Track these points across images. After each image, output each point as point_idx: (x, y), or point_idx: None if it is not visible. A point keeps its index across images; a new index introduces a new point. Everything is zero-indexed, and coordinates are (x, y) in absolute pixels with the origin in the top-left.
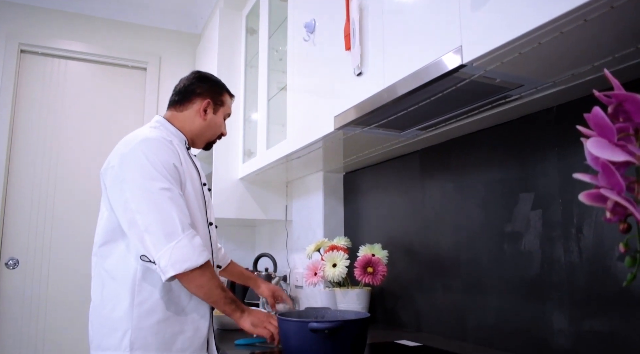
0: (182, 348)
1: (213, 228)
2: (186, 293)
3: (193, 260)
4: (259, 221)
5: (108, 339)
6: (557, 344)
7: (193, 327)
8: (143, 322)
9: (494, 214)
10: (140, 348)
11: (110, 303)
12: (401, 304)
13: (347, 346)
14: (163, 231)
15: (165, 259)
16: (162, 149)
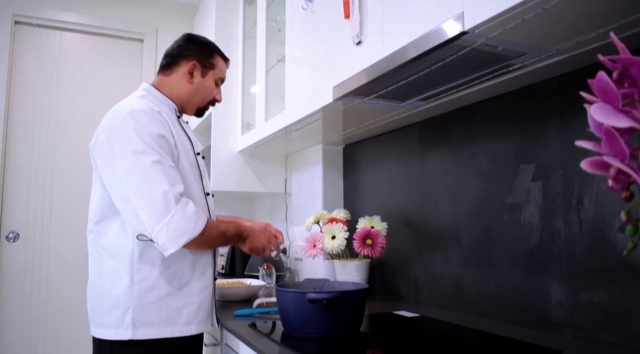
0: (187, 321)
1: (210, 198)
2: (189, 265)
3: (190, 231)
4: (259, 194)
5: (108, 316)
6: (555, 315)
7: (198, 299)
8: (144, 299)
9: (494, 186)
10: (143, 324)
11: (109, 281)
12: (400, 276)
13: (345, 317)
14: (156, 207)
15: (163, 236)
16: (150, 121)
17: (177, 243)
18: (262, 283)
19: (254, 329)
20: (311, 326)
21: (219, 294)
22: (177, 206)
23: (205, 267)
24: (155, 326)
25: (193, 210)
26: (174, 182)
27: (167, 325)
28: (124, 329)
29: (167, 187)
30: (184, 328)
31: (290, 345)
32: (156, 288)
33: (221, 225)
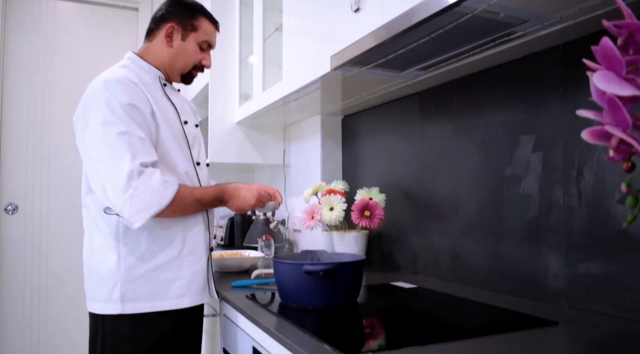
0: (178, 294)
1: (203, 168)
2: (178, 238)
3: (156, 204)
4: (257, 165)
5: (98, 291)
6: (552, 286)
7: (189, 272)
8: (131, 274)
9: (493, 157)
10: (131, 299)
11: (99, 256)
12: (398, 247)
13: (342, 288)
14: (119, 180)
15: (127, 210)
16: (123, 90)
17: (142, 217)
18: (261, 254)
19: (251, 300)
20: (308, 298)
21: (217, 265)
22: (140, 178)
23: (196, 239)
24: (144, 300)
25: (158, 181)
26: (140, 154)
27: (156, 299)
28: (113, 303)
29: (130, 159)
30: (175, 301)
31: (287, 316)
32: (144, 262)
33: (196, 191)
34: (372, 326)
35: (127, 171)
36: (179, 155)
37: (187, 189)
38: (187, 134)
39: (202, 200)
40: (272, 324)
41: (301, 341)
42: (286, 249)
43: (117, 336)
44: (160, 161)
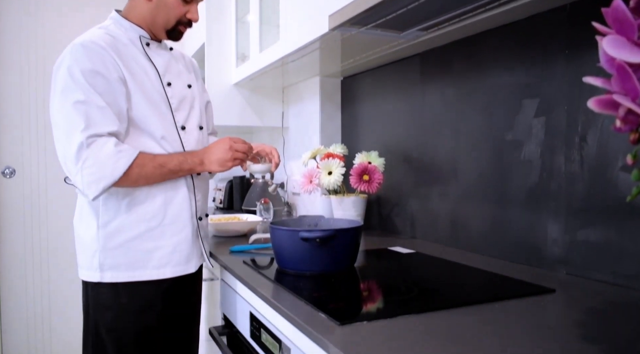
0: (159, 265)
1: (191, 132)
2: (159, 206)
3: (108, 176)
4: (256, 128)
5: (82, 258)
6: (550, 253)
7: (172, 242)
8: (109, 243)
9: (495, 121)
10: (110, 268)
11: (84, 222)
12: (396, 212)
13: (339, 254)
14: (71, 151)
15: (79, 182)
16: (86, 56)
17: (94, 189)
18: (259, 218)
19: (248, 265)
20: (305, 264)
21: (216, 229)
22: (89, 149)
23: (180, 207)
24: (123, 270)
25: (109, 152)
26: (95, 124)
27: (135, 269)
28: (93, 271)
29: (81, 130)
30: (156, 272)
31: (284, 283)
32: (122, 231)
33: (159, 158)
34: (368, 294)
35: (77, 142)
36: (155, 120)
37: (147, 156)
38: (169, 96)
39: (166, 165)
40: (268, 291)
41: (297, 309)
42: (285, 213)
43: (100, 304)
44: (134, 127)
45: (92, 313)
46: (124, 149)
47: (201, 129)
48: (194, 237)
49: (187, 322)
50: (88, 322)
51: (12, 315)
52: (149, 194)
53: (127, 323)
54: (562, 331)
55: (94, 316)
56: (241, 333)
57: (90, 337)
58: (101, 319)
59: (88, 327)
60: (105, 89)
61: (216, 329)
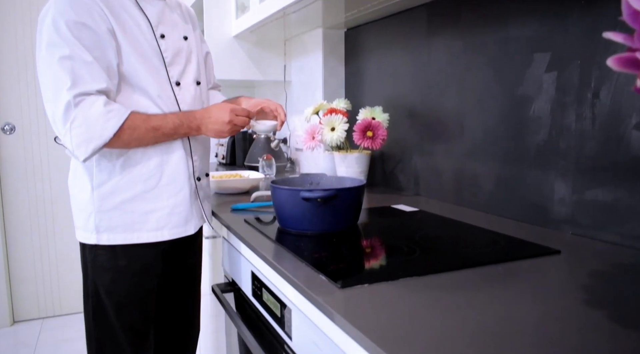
0: (157, 227)
1: (186, 88)
2: (155, 166)
3: (97, 137)
4: (257, 82)
5: (78, 218)
6: (557, 212)
7: (169, 204)
8: (105, 205)
9: (504, 76)
10: (105, 230)
11: (78, 183)
12: (400, 168)
13: (340, 214)
14: (58, 110)
15: (68, 143)
16: (71, 7)
17: (84, 150)
18: (261, 175)
19: (249, 224)
20: (306, 223)
21: (217, 187)
22: (77, 108)
23: (176, 168)
24: (120, 232)
25: (98, 112)
26: (82, 81)
27: (132, 231)
28: (89, 233)
29: (68, 87)
30: (153, 234)
31: (285, 243)
32: (117, 192)
33: (152, 120)
34: (370, 255)
35: (64, 101)
36: (148, 76)
37: (140, 117)
38: (162, 50)
39: (161, 128)
40: (269, 252)
41: (298, 271)
42: (288, 169)
43: (98, 265)
44: (126, 84)
45: (90, 275)
46: (113, 109)
47: (198, 84)
48: (193, 199)
49: (187, 283)
50: (87, 283)
51: (20, 267)
52: (144, 155)
53: (125, 285)
54: (567, 294)
55: (92, 278)
56: (243, 291)
57: (90, 298)
58: (100, 281)
59: (87, 288)
60: (93, 43)
61: (219, 286)
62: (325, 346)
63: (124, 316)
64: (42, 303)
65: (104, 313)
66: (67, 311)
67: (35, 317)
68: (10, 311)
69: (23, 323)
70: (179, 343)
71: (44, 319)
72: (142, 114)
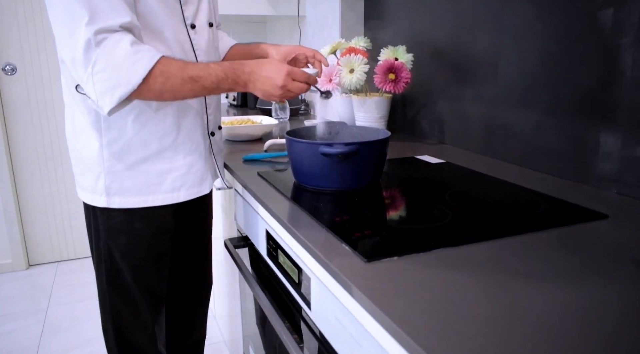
0: (172, 188)
1: (201, 31)
2: (171, 122)
3: (125, 82)
4: (269, 17)
5: (84, 179)
6: (600, 169)
7: (185, 163)
8: (116, 165)
9: (548, 12)
10: (117, 192)
11: (82, 138)
12: (424, 114)
13: (362, 170)
14: (77, 52)
15: (91, 90)
16: None
17: (109, 99)
18: (274, 121)
19: (263, 178)
20: (325, 180)
21: (228, 134)
22: (99, 48)
23: (193, 123)
24: (133, 194)
25: (125, 52)
26: (101, 15)
27: (147, 193)
28: (99, 195)
29: (87, 22)
30: (169, 196)
31: (301, 202)
32: (130, 151)
33: (191, 68)
34: (396, 219)
35: (83, 39)
36: (164, 15)
37: (175, 63)
38: None
39: (200, 80)
40: (285, 213)
41: (317, 238)
42: (302, 111)
43: (111, 228)
44: (142, 25)
45: (103, 238)
46: (142, 49)
47: (211, 26)
48: (208, 155)
49: (197, 237)
50: (99, 246)
51: (32, 212)
52: (158, 110)
53: (143, 247)
54: (623, 268)
55: (106, 240)
56: (258, 249)
57: (104, 262)
58: (115, 244)
59: (100, 252)
60: None
61: (231, 241)
62: (350, 324)
63: (142, 279)
64: (55, 246)
65: (120, 276)
66: (81, 255)
67: (50, 260)
68: (25, 255)
69: (38, 266)
70: (192, 297)
71: (58, 262)
72: (178, 60)
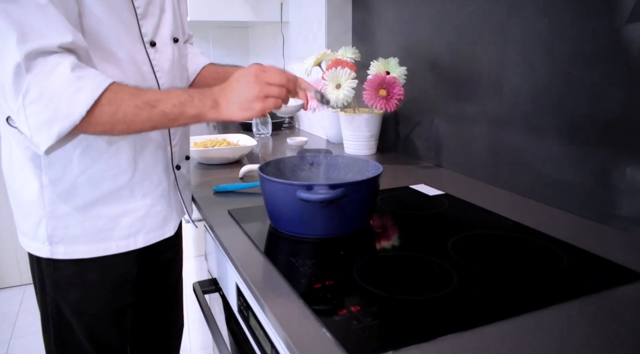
0: (127, 234)
1: (164, 49)
2: (128, 156)
3: (63, 116)
4: (250, 23)
5: (24, 223)
6: (627, 209)
7: (144, 204)
8: (59, 209)
9: (563, 24)
10: (62, 240)
11: (19, 176)
12: (418, 132)
13: (348, 215)
14: (7, 78)
15: (24, 124)
16: None
17: (46, 136)
18: (252, 142)
19: (234, 219)
20: (305, 227)
21: (202, 157)
22: (31, 74)
23: (154, 156)
24: (81, 243)
25: (64, 79)
26: (35, 32)
27: (97, 240)
28: (40, 243)
29: (16, 42)
30: (124, 243)
31: (276, 256)
32: (77, 192)
33: (146, 93)
34: (390, 285)
35: (12, 63)
36: (117, 32)
37: (125, 89)
38: None
39: (159, 104)
40: (254, 274)
41: (291, 314)
42: (286, 124)
43: (59, 281)
44: (89, 44)
45: (50, 293)
46: (86, 75)
47: (176, 41)
48: (173, 191)
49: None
50: (45, 302)
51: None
52: (111, 142)
53: (98, 302)
54: None
55: (53, 296)
56: (228, 301)
57: (52, 320)
58: (64, 300)
59: (46, 308)
60: None
61: (201, 285)
62: None
63: (98, 337)
64: (23, 269)
65: (72, 337)
66: None
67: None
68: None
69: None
70: (159, 344)
71: (27, 285)
72: (129, 86)
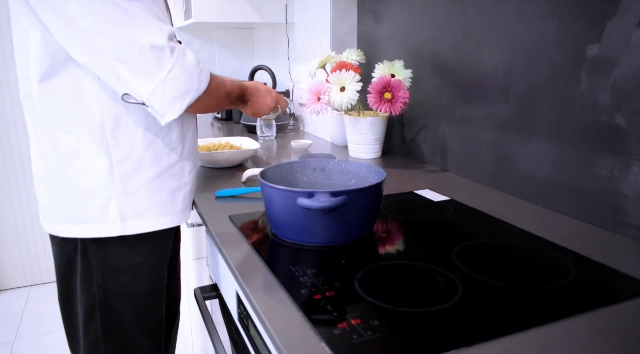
0: (183, 207)
1: None
2: (177, 136)
3: (194, 88)
4: (256, 24)
5: (83, 208)
6: (638, 216)
7: (190, 179)
8: (130, 184)
9: (573, 27)
10: (133, 216)
11: (76, 162)
12: (424, 136)
13: (351, 222)
14: (145, 60)
15: (159, 98)
16: None
17: (178, 106)
18: (256, 145)
19: (235, 225)
20: (306, 234)
21: (205, 160)
22: (174, 56)
23: (194, 137)
24: (149, 216)
25: (193, 61)
26: (163, 22)
27: (163, 214)
28: (111, 223)
29: (157, 28)
30: (182, 215)
31: (276, 265)
32: (143, 168)
33: (226, 82)
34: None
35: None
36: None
37: (219, 76)
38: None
39: (231, 94)
40: (254, 283)
41: (289, 332)
42: (291, 126)
43: (109, 267)
44: None
45: (99, 280)
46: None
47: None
48: None
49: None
50: (92, 292)
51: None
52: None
53: (144, 284)
54: None
55: (103, 283)
56: (229, 308)
57: (99, 310)
58: (115, 286)
59: (93, 298)
60: None
61: (202, 290)
62: None
63: (145, 321)
64: (28, 269)
65: (120, 323)
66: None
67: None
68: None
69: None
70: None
71: (31, 287)
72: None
